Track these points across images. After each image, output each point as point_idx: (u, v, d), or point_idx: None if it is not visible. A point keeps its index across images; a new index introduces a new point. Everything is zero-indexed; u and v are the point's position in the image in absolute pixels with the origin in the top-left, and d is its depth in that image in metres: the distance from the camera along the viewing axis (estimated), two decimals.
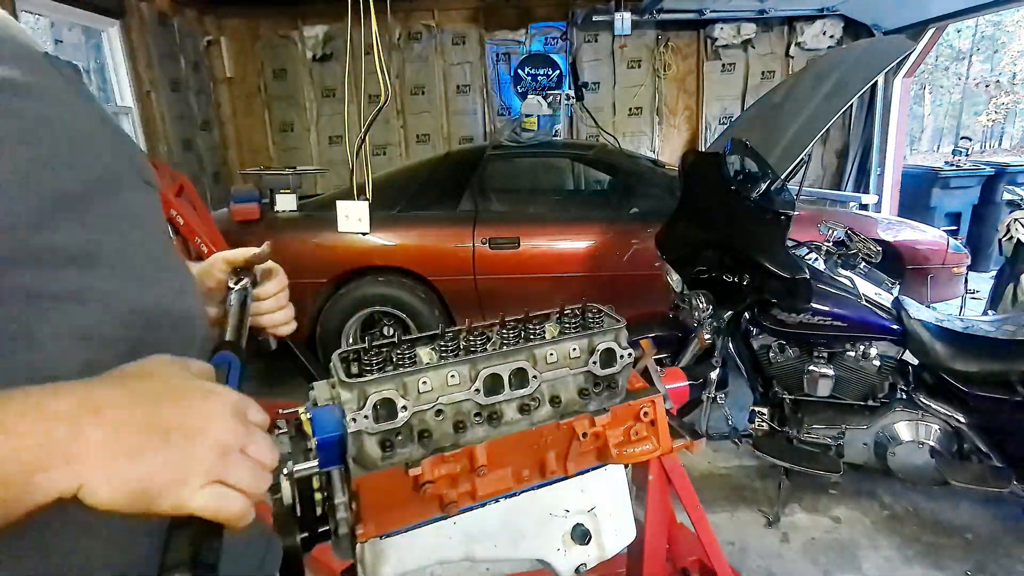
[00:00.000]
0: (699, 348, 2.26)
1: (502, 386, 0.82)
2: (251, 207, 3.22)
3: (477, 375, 0.80)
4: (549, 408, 0.86)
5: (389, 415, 0.75)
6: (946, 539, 2.12)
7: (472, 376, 0.80)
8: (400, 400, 0.75)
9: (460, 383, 0.80)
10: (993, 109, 22.87)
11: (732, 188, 2.15)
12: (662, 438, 0.97)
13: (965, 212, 5.43)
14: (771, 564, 2.02)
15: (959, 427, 2.07)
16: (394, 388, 0.75)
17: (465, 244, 3.17)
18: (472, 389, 0.80)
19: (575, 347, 0.87)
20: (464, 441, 0.81)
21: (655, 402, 0.95)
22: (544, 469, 0.88)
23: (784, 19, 5.20)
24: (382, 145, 5.42)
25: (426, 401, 0.78)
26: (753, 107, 3.18)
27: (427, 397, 0.78)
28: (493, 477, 0.84)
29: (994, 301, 3.40)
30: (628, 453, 0.93)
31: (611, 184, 3.88)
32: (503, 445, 0.84)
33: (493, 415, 0.82)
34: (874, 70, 2.29)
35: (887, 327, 2.11)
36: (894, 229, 3.47)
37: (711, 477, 2.50)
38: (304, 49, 5.26)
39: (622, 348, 0.89)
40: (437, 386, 0.78)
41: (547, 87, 5.13)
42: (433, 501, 0.81)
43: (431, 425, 0.79)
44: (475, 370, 0.81)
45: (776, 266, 2.03)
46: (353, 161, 2.84)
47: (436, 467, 0.78)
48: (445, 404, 0.79)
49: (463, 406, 0.81)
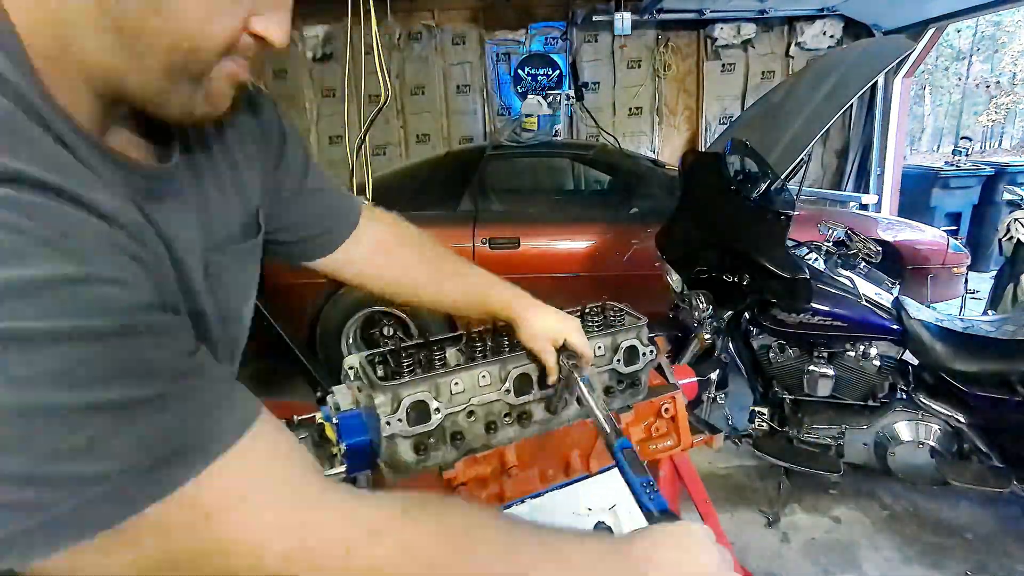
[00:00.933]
0: (699, 348, 2.26)
1: (530, 386, 0.82)
2: None
3: (507, 375, 0.80)
4: (576, 407, 0.86)
5: (421, 418, 0.74)
6: (946, 539, 2.11)
7: (502, 376, 0.81)
8: (433, 402, 0.74)
9: (491, 383, 0.80)
10: (993, 109, 22.86)
11: (732, 188, 2.15)
12: (683, 434, 0.97)
13: (965, 212, 5.42)
14: (771, 564, 2.02)
15: (959, 427, 2.07)
16: (427, 390, 0.75)
17: (465, 244, 3.17)
18: (503, 389, 0.80)
19: (600, 345, 0.88)
20: (495, 442, 0.82)
21: (675, 398, 0.96)
22: (568, 468, 0.88)
23: (784, 19, 5.19)
24: (382, 145, 5.41)
25: (458, 403, 0.78)
26: (753, 107, 3.18)
27: (459, 398, 0.78)
28: (520, 478, 0.85)
29: (994, 301, 3.40)
30: (650, 449, 0.94)
31: (611, 184, 3.88)
32: (532, 445, 0.85)
33: (523, 415, 0.83)
34: (874, 70, 2.29)
35: (887, 327, 2.11)
36: (894, 229, 3.47)
37: (711, 477, 2.49)
38: (304, 49, 5.26)
39: (644, 345, 0.89)
40: (469, 387, 0.78)
41: (547, 87, 5.13)
42: None
43: (463, 427, 0.79)
44: (505, 370, 0.81)
45: (776, 266, 2.03)
46: (353, 161, 2.84)
47: (469, 468, 0.79)
48: (476, 405, 0.79)
49: (494, 407, 0.81)
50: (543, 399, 0.84)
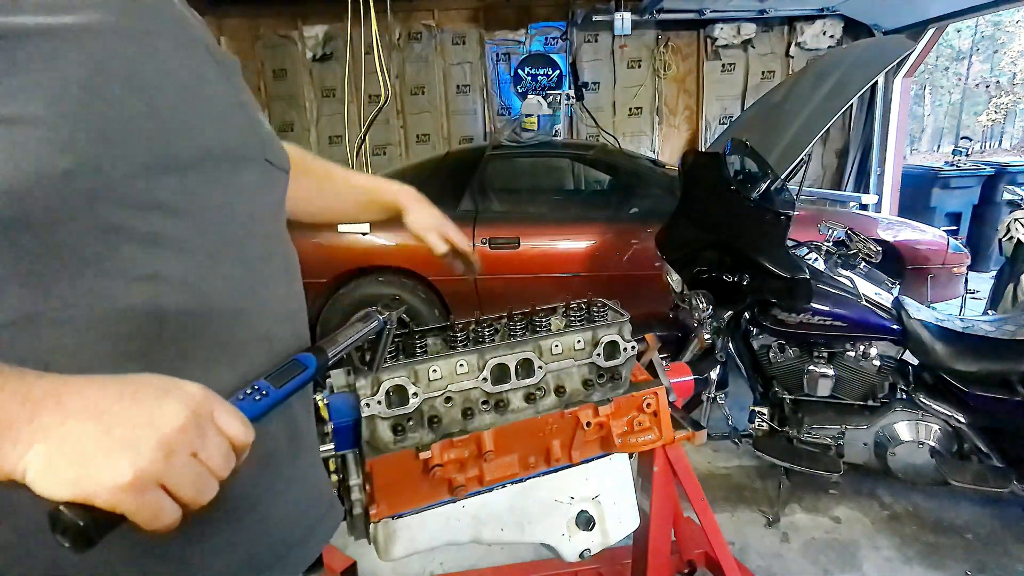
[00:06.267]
0: (699, 348, 2.26)
1: (509, 375, 0.86)
2: None
3: (485, 364, 0.84)
4: (554, 397, 0.90)
5: (401, 401, 0.79)
6: (946, 539, 2.12)
7: (480, 365, 0.84)
8: (411, 387, 0.79)
9: (468, 372, 0.84)
10: (993, 109, 22.88)
11: (732, 188, 2.15)
12: (664, 429, 0.99)
13: (965, 212, 5.43)
14: (771, 564, 2.02)
15: (959, 427, 2.07)
16: (406, 375, 0.79)
17: None
18: (480, 378, 0.84)
19: (579, 339, 0.90)
20: (472, 427, 0.85)
21: (658, 394, 0.97)
22: (549, 457, 0.91)
23: (784, 19, 5.20)
24: (382, 145, 5.42)
25: (436, 388, 0.82)
26: (753, 107, 3.18)
27: (437, 384, 0.82)
28: (500, 463, 0.87)
29: (994, 301, 3.40)
30: (631, 442, 0.95)
31: (611, 184, 3.88)
32: (510, 432, 0.87)
33: (500, 403, 0.86)
34: (874, 70, 2.29)
35: (887, 327, 2.11)
36: (894, 229, 3.47)
37: (711, 477, 2.50)
38: (304, 49, 5.26)
39: (625, 341, 0.91)
40: (446, 374, 0.83)
41: (547, 87, 5.13)
42: (442, 484, 0.84)
43: (440, 411, 0.83)
44: (483, 360, 0.84)
45: (776, 266, 2.04)
46: (353, 161, 2.84)
47: (445, 451, 0.82)
48: (454, 391, 0.83)
49: (471, 394, 0.85)
50: (520, 388, 0.87)
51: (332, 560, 1.65)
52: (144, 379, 0.42)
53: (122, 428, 0.38)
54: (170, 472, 0.39)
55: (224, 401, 0.45)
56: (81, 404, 0.38)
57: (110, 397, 0.39)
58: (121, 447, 0.38)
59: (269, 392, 0.51)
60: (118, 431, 0.38)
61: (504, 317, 0.91)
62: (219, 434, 0.43)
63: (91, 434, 0.37)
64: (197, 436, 0.41)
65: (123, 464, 0.38)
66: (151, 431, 0.39)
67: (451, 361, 0.82)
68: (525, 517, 0.91)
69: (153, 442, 0.39)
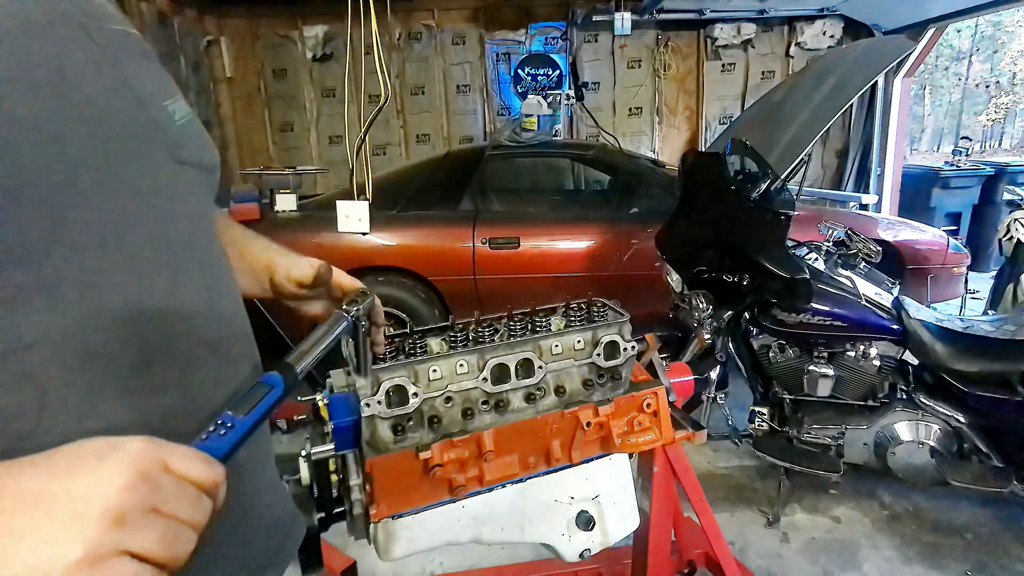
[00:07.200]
0: (699, 348, 2.26)
1: (509, 375, 0.85)
2: (251, 207, 3.22)
3: (485, 364, 0.84)
4: (554, 398, 0.90)
5: (401, 401, 0.79)
6: (946, 539, 2.12)
7: (480, 365, 0.84)
8: (411, 387, 0.79)
9: (468, 372, 0.83)
10: (993, 109, 22.89)
11: (732, 188, 2.15)
12: (664, 429, 0.99)
13: (965, 212, 5.43)
14: (771, 564, 2.02)
15: (959, 427, 2.07)
16: (406, 375, 0.79)
17: (465, 244, 3.17)
18: (480, 378, 0.84)
19: (579, 339, 0.90)
20: (472, 427, 0.85)
21: (658, 394, 0.97)
22: (549, 457, 0.91)
23: (784, 19, 5.20)
24: (382, 145, 5.42)
25: (436, 388, 0.82)
26: (753, 107, 3.18)
27: (437, 384, 0.82)
28: (500, 463, 0.87)
29: (994, 301, 3.40)
30: (631, 442, 0.95)
31: (611, 184, 3.88)
32: (510, 432, 0.87)
33: (500, 403, 0.86)
34: (874, 70, 2.29)
35: (887, 327, 2.11)
36: (894, 229, 3.47)
37: (711, 477, 2.50)
38: (304, 49, 5.26)
39: (625, 341, 0.91)
40: (447, 374, 0.82)
41: (547, 87, 5.13)
42: (442, 484, 0.83)
43: (440, 411, 0.83)
44: (483, 360, 0.84)
45: (776, 266, 2.04)
46: (353, 161, 2.84)
47: (445, 451, 0.81)
48: (454, 391, 0.83)
49: (471, 394, 0.84)
50: (520, 388, 0.87)
51: (332, 560, 1.65)
52: (77, 449, 0.39)
53: (61, 507, 0.36)
54: (129, 536, 0.37)
55: (176, 446, 0.42)
56: (14, 495, 0.36)
57: (43, 478, 0.37)
58: (64, 528, 0.36)
59: (235, 424, 0.48)
60: (58, 511, 0.36)
61: (504, 317, 0.91)
62: (179, 481, 0.40)
63: (31, 525, 0.35)
64: (150, 491, 0.38)
65: (70, 544, 0.35)
66: (93, 501, 0.36)
67: (451, 361, 0.82)
68: (525, 517, 0.90)
69: (97, 511, 0.36)
